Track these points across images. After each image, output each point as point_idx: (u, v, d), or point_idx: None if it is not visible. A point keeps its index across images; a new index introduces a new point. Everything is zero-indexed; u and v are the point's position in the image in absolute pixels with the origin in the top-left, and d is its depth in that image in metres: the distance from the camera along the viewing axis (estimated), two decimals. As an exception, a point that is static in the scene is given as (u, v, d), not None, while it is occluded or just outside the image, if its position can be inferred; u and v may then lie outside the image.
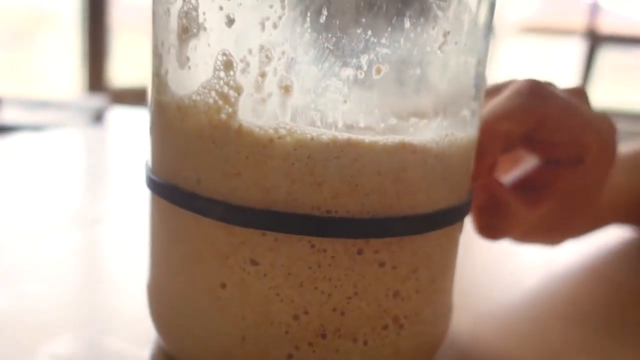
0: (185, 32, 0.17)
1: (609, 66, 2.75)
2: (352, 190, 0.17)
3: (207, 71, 0.17)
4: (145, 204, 0.40)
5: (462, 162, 0.20)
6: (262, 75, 0.16)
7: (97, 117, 0.79)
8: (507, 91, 0.25)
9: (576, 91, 0.27)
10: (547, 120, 0.25)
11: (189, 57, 0.18)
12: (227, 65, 0.17)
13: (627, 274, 0.36)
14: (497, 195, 0.25)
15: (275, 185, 0.17)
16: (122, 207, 0.41)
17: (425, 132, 0.18)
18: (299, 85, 0.16)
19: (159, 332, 0.22)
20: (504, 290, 0.31)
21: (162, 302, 0.21)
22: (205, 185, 0.18)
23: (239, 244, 0.18)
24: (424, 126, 0.18)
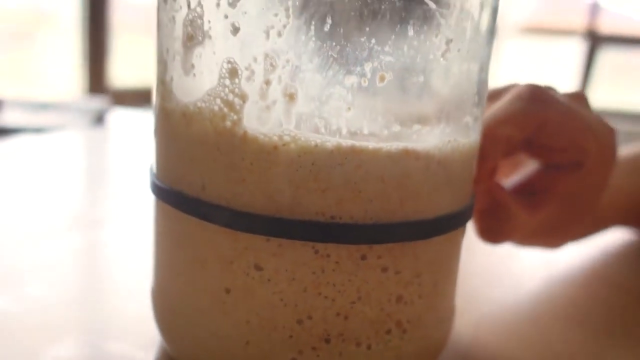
0: (190, 40, 0.18)
1: (609, 66, 2.75)
2: (356, 196, 0.17)
3: (212, 79, 0.17)
4: (146, 206, 0.40)
5: (464, 168, 0.20)
6: (267, 83, 0.17)
7: (98, 119, 0.79)
8: (508, 96, 0.26)
9: (576, 95, 0.28)
10: (547, 124, 0.25)
11: (194, 65, 0.18)
12: (232, 72, 0.17)
13: (628, 275, 0.36)
14: (498, 199, 0.26)
15: (279, 191, 0.17)
16: (124, 209, 0.41)
17: (428, 139, 0.18)
18: (304, 92, 0.17)
19: (163, 335, 0.22)
20: (505, 292, 0.31)
21: (167, 305, 0.21)
22: (209, 191, 0.18)
23: (243, 249, 0.18)
24: (427, 133, 0.18)
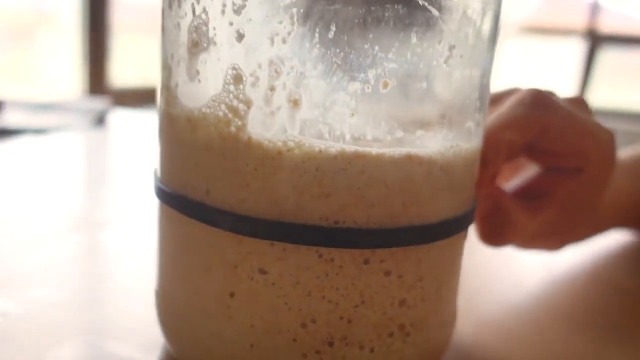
0: (195, 46, 0.18)
1: (610, 66, 2.75)
2: (359, 201, 0.18)
3: (217, 85, 0.17)
4: (149, 207, 0.41)
5: (466, 172, 0.20)
6: (272, 89, 0.17)
7: (99, 120, 0.79)
8: (510, 101, 0.26)
9: (576, 100, 0.28)
10: (549, 129, 0.25)
11: (199, 71, 0.18)
12: (237, 79, 0.17)
13: (627, 276, 0.37)
14: (500, 203, 0.26)
15: (283, 196, 0.17)
16: (126, 210, 0.41)
17: (431, 144, 0.18)
18: (308, 99, 0.17)
19: (167, 338, 0.22)
20: (505, 293, 0.32)
21: (171, 309, 0.21)
22: (214, 195, 0.18)
23: (248, 253, 0.18)
24: (430, 138, 0.18)
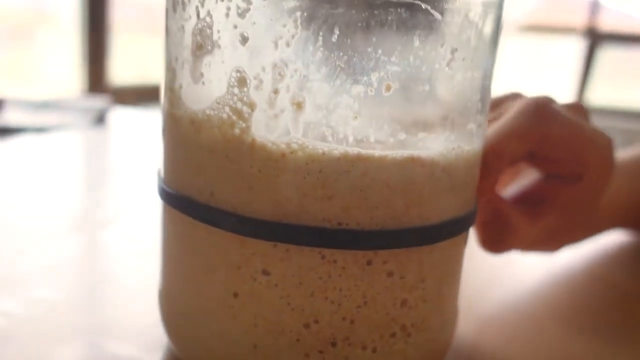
0: (199, 49, 0.18)
1: (609, 64, 2.75)
2: (362, 203, 0.18)
3: (221, 87, 0.18)
4: (151, 206, 0.41)
5: (468, 174, 0.20)
6: (275, 92, 0.17)
7: (99, 118, 0.79)
8: (513, 110, 0.26)
9: (575, 106, 0.28)
10: (550, 138, 0.26)
11: (203, 73, 0.18)
12: (241, 81, 0.17)
13: (627, 277, 0.37)
14: (500, 210, 0.26)
15: (287, 198, 0.18)
16: (128, 210, 0.41)
17: (433, 146, 0.18)
18: (311, 101, 0.17)
19: (171, 338, 0.22)
20: (506, 293, 0.32)
21: (175, 309, 0.21)
22: (218, 197, 0.18)
23: (251, 254, 0.18)
24: (432, 140, 0.18)
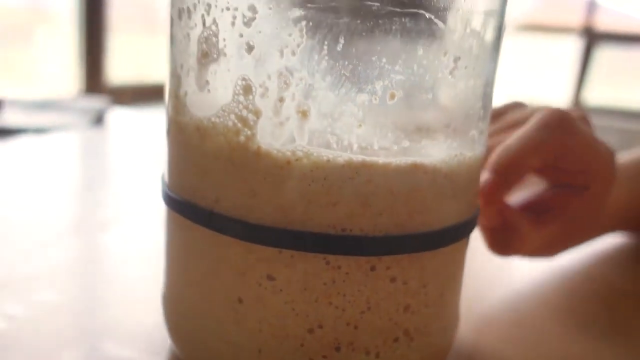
0: (205, 57, 0.18)
1: (606, 64, 2.76)
2: (366, 209, 0.18)
3: (227, 95, 0.18)
4: (152, 208, 0.41)
5: (469, 180, 0.20)
6: (281, 100, 0.17)
7: (98, 119, 0.79)
8: (534, 122, 0.27)
9: (580, 116, 0.29)
10: (568, 151, 0.27)
11: (209, 81, 0.18)
12: (247, 89, 0.17)
13: (627, 278, 0.37)
14: (509, 218, 0.28)
15: (292, 205, 0.18)
16: (129, 211, 0.41)
17: (435, 153, 0.19)
18: (316, 110, 0.17)
19: (175, 342, 0.22)
20: (505, 295, 0.32)
21: (179, 313, 0.22)
22: (223, 204, 0.19)
23: (256, 260, 0.19)
24: (435, 147, 0.19)
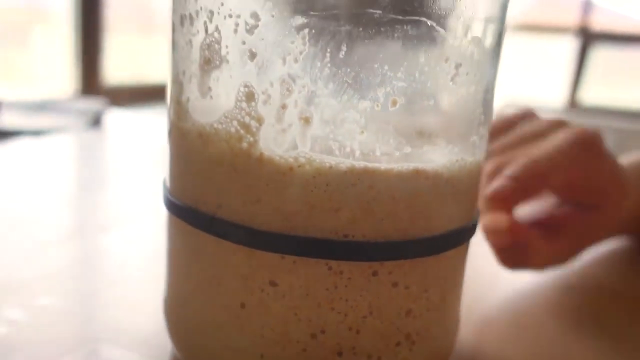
0: (207, 64, 0.18)
1: (602, 64, 2.77)
2: (368, 215, 0.18)
3: (229, 101, 0.18)
4: (152, 210, 0.41)
5: (470, 185, 0.21)
6: (283, 107, 0.17)
7: (95, 120, 0.79)
8: (564, 139, 0.28)
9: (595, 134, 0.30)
10: (593, 175, 0.28)
11: (211, 87, 0.18)
12: (249, 96, 0.17)
13: (627, 281, 0.37)
14: (521, 238, 0.28)
15: (294, 211, 0.18)
16: (130, 214, 0.41)
17: (437, 159, 0.19)
18: (319, 116, 0.17)
19: (177, 347, 0.22)
20: (505, 297, 0.32)
21: (181, 318, 0.22)
22: (225, 210, 0.19)
23: (259, 266, 0.19)
24: (436, 153, 0.19)
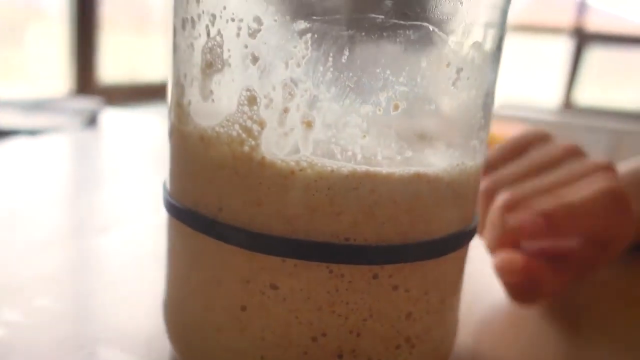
0: (209, 67, 0.18)
1: (597, 65, 2.78)
2: (370, 219, 0.18)
3: (231, 105, 0.18)
4: (149, 210, 0.41)
5: (470, 189, 0.21)
6: (285, 110, 0.17)
7: (91, 120, 0.79)
8: (595, 190, 0.28)
9: (608, 164, 0.31)
10: (614, 230, 0.29)
11: (213, 91, 0.18)
12: (251, 100, 0.17)
13: (626, 279, 0.37)
14: (534, 276, 0.29)
15: (296, 214, 0.18)
16: (127, 215, 0.41)
17: (437, 162, 0.19)
18: (321, 120, 0.17)
19: (176, 349, 0.22)
20: (504, 298, 0.32)
21: (181, 320, 0.22)
22: (226, 213, 0.19)
23: (259, 269, 0.19)
24: (437, 157, 0.19)
